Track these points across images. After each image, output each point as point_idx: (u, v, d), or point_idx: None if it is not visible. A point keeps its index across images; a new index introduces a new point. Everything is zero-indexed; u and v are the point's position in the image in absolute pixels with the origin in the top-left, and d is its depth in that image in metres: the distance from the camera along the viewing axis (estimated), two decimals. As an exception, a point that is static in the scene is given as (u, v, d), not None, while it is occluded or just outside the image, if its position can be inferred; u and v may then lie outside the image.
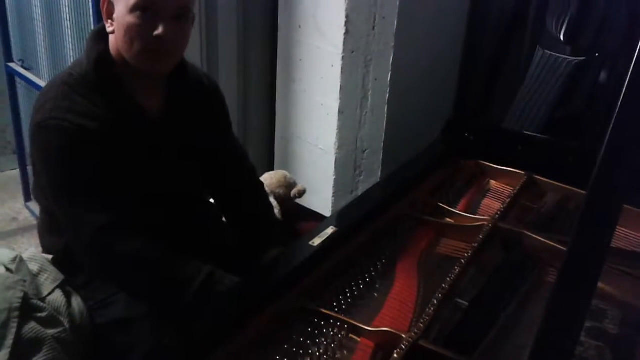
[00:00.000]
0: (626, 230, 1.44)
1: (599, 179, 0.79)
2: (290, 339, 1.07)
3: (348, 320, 1.10)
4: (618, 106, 0.83)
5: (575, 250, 0.79)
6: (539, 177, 1.63)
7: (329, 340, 1.07)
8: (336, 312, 1.13)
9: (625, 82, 0.83)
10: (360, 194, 2.33)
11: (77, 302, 1.42)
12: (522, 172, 1.64)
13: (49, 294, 1.40)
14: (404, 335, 1.04)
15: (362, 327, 1.09)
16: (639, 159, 0.86)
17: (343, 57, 2.12)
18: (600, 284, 1.26)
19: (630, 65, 0.84)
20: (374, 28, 2.10)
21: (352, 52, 2.12)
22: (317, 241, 1.25)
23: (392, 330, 1.06)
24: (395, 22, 2.07)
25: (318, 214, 2.32)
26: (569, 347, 0.75)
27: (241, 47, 2.41)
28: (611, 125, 0.82)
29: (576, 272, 0.77)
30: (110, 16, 1.22)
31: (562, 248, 1.32)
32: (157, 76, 1.30)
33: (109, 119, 1.23)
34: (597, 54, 2.05)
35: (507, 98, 2.22)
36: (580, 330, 0.79)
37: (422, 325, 1.06)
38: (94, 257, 1.26)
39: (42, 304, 1.41)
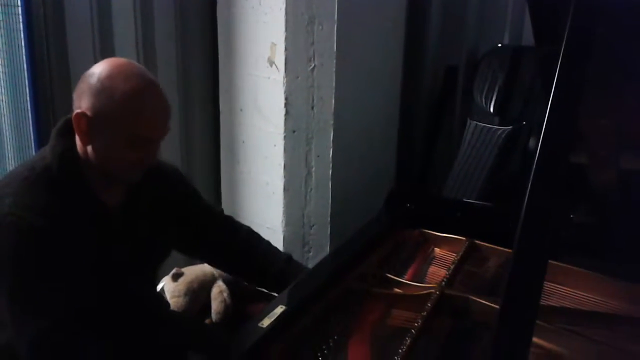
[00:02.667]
0: (569, 289, 1.48)
1: (522, 239, 0.82)
2: None
3: (302, 402, 1.08)
4: (533, 169, 0.88)
5: (506, 308, 0.81)
6: (480, 242, 1.67)
7: None
8: (290, 395, 1.11)
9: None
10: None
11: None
12: (463, 239, 1.69)
13: None
14: (359, 413, 1.02)
15: (317, 408, 1.06)
16: (559, 213, 0.91)
17: (285, 136, 2.18)
18: (548, 345, 1.28)
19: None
20: (312, 108, 2.17)
21: (294, 131, 2.18)
22: (266, 322, 1.24)
23: (347, 409, 1.04)
24: (333, 102, 2.15)
25: (268, 294, 2.30)
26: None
27: (183, 131, 2.43)
28: (529, 188, 0.88)
29: (509, 334, 0.80)
30: (87, 132, 1.19)
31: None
32: None
33: (67, 214, 1.20)
34: (524, 123, 2.18)
35: (445, 168, 2.31)
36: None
37: (377, 400, 1.04)
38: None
39: None
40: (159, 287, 1.85)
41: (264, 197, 2.32)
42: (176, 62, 2.31)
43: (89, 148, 1.21)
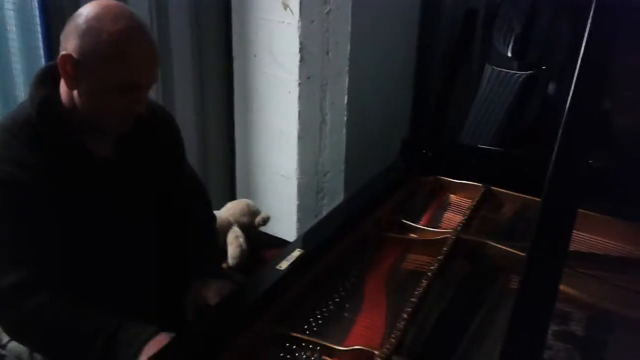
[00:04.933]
0: (584, 234, 1.48)
1: (552, 186, 0.81)
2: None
3: (320, 341, 1.10)
4: (565, 115, 0.86)
5: (534, 256, 0.81)
6: (496, 188, 1.67)
7: (302, 363, 1.06)
8: (307, 335, 1.13)
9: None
10: (324, 217, 2.33)
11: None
12: (480, 185, 1.68)
13: (10, 340, 1.35)
14: (376, 352, 1.04)
15: (334, 348, 1.08)
16: (587, 164, 0.90)
17: (299, 83, 2.15)
18: (564, 287, 1.29)
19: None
20: (327, 53, 2.14)
21: (308, 78, 2.15)
22: (284, 265, 1.25)
23: (365, 348, 1.06)
24: (348, 47, 2.11)
25: (283, 240, 2.32)
26: (536, 352, 0.76)
27: (197, 79, 2.41)
28: (559, 134, 0.86)
29: (537, 277, 0.80)
30: (73, 76, 1.15)
31: (524, 255, 1.35)
32: None
33: (50, 167, 1.17)
34: (544, 67, 2.13)
35: (461, 114, 2.28)
36: (546, 334, 0.80)
37: (393, 340, 1.06)
38: (1, 317, 1.18)
39: (2, 350, 1.37)
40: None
41: (278, 145, 2.31)
42: (188, 7, 2.27)
43: (75, 93, 1.17)
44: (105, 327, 1.12)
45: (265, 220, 2.04)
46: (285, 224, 2.32)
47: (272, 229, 2.20)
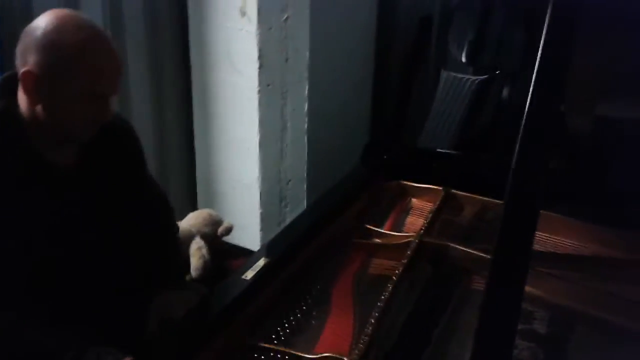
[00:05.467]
0: (544, 234, 1.52)
1: (514, 187, 0.83)
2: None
3: (288, 350, 1.09)
4: (524, 118, 0.89)
5: (500, 257, 0.82)
6: (456, 191, 1.69)
7: (272, 374, 1.06)
8: (275, 344, 1.12)
9: (527, 96, 0.90)
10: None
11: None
12: (439, 188, 1.71)
13: None
14: (345, 358, 1.04)
15: (302, 356, 1.08)
16: (547, 165, 0.92)
17: (259, 90, 2.14)
18: (526, 287, 1.32)
19: (528, 81, 0.91)
20: (286, 60, 2.14)
21: (268, 85, 2.15)
22: (249, 274, 1.24)
23: (333, 355, 1.06)
24: (307, 54, 2.11)
25: (247, 249, 2.31)
26: (506, 352, 0.78)
27: (154, 88, 2.37)
28: (519, 136, 0.88)
29: (503, 278, 0.81)
30: (35, 91, 1.12)
31: (486, 256, 1.38)
32: None
33: (10, 178, 1.14)
34: (497, 72, 2.18)
35: (420, 119, 2.31)
36: (515, 334, 0.81)
37: (362, 345, 1.06)
38: None
39: None
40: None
41: (239, 153, 2.29)
42: (144, 15, 2.23)
43: (39, 108, 1.14)
44: (70, 349, 1.08)
45: (228, 230, 2.02)
46: (248, 233, 2.31)
47: (235, 238, 2.18)
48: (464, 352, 1.14)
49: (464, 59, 2.26)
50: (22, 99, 1.16)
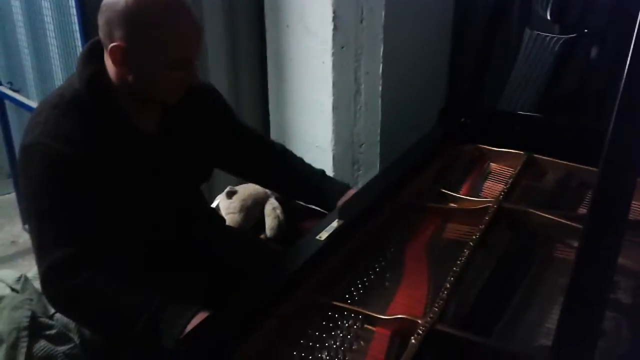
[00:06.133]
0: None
1: (610, 154, 0.77)
2: (306, 333, 1.06)
3: (362, 310, 1.10)
4: (623, 80, 0.82)
5: (592, 225, 0.77)
6: (538, 156, 1.62)
7: (344, 332, 1.06)
8: (349, 304, 1.13)
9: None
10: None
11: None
12: (521, 153, 1.64)
13: (56, 311, 1.40)
14: (419, 321, 1.03)
15: (376, 317, 1.08)
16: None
17: (333, 53, 2.12)
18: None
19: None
20: (361, 22, 2.09)
21: (342, 47, 2.12)
22: (323, 235, 1.24)
23: (407, 317, 1.05)
24: (383, 14, 2.06)
25: (320, 212, 2.32)
26: (595, 322, 0.74)
27: (229, 50, 2.40)
28: (618, 99, 0.81)
29: (595, 249, 0.76)
30: (124, 62, 1.16)
31: (569, 223, 1.33)
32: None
33: (100, 143, 1.19)
34: (585, 30, 2.05)
35: (500, 81, 2.22)
36: (605, 304, 0.77)
37: (436, 309, 1.05)
38: (46, 291, 1.20)
39: (50, 321, 1.41)
40: (214, 204, 1.89)
41: (312, 115, 2.29)
42: (220, -21, 2.25)
43: (129, 77, 1.18)
44: (149, 305, 1.13)
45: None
46: (320, 195, 2.31)
47: (307, 200, 2.19)
48: (542, 321, 1.11)
49: (549, 17, 2.14)
50: (110, 67, 1.20)
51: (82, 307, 1.18)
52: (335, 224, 1.28)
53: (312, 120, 2.30)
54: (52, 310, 1.44)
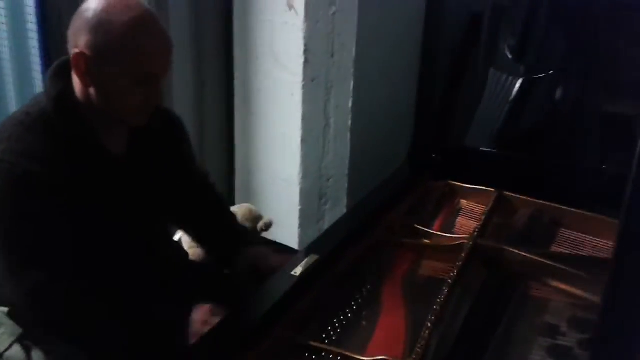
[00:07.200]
0: (602, 240, 1.46)
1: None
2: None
3: (341, 352, 1.05)
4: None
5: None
6: (509, 193, 1.63)
7: (323, 375, 1.02)
8: (327, 344, 1.08)
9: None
10: (327, 223, 2.28)
11: (38, 356, 1.31)
12: (492, 190, 1.64)
13: (7, 349, 1.28)
14: (402, 362, 0.99)
15: (356, 358, 1.04)
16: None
17: (303, 85, 2.10)
18: (585, 294, 1.26)
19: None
20: (332, 55, 2.09)
21: (312, 80, 2.11)
22: (298, 270, 1.20)
23: (389, 358, 1.01)
24: (354, 49, 2.07)
25: (285, 246, 2.27)
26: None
27: (196, 80, 2.36)
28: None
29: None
30: (87, 73, 1.12)
31: (544, 261, 1.32)
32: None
33: (66, 161, 1.14)
34: (551, 71, 2.11)
35: (466, 119, 2.25)
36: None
37: (419, 350, 1.01)
38: (34, 313, 1.16)
39: None
40: (176, 238, 1.82)
41: (280, 148, 2.26)
42: (188, 6, 2.22)
43: (92, 90, 1.14)
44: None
45: (268, 226, 1.98)
46: (286, 229, 2.27)
47: (272, 234, 2.14)
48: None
49: (514, 58, 2.19)
50: (76, 82, 1.16)
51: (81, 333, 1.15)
52: (310, 258, 1.24)
53: (280, 153, 2.26)
54: (2, 349, 1.34)
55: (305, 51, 2.07)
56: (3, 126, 1.16)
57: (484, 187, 1.66)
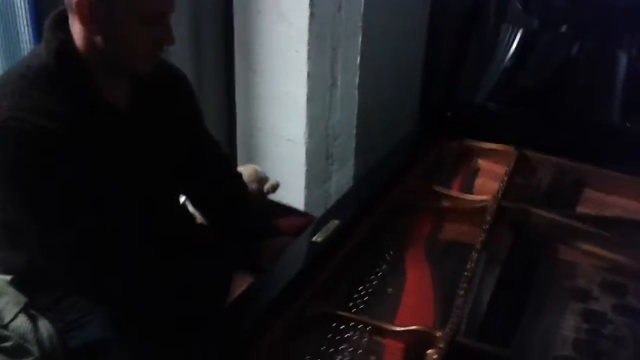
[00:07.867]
0: (626, 200, 1.41)
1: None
2: (310, 349, 0.96)
3: (370, 321, 1.01)
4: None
5: None
6: (529, 152, 1.57)
7: (353, 346, 0.97)
8: (353, 313, 1.04)
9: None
10: (333, 184, 2.24)
11: (44, 325, 1.28)
12: (511, 148, 1.59)
13: (12, 319, 1.27)
14: (437, 334, 0.95)
15: (387, 328, 0.99)
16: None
17: (308, 42, 2.01)
18: (611, 255, 1.23)
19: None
20: (339, 10, 2.00)
21: (318, 36, 2.02)
22: (320, 237, 1.15)
23: (424, 329, 0.97)
24: (362, 4, 1.97)
25: (292, 207, 2.22)
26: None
27: (194, 36, 2.25)
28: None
29: None
30: (92, 20, 1.06)
31: (570, 223, 1.28)
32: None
33: (73, 116, 1.09)
34: (565, 25, 2.04)
35: (477, 76, 2.18)
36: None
37: (455, 320, 0.97)
38: (87, 262, 1.12)
39: (5, 332, 1.27)
40: (181, 200, 1.76)
41: (284, 107, 2.18)
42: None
43: (98, 38, 1.09)
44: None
45: (275, 188, 1.93)
46: (292, 190, 2.21)
47: (277, 195, 2.09)
48: (557, 328, 1.06)
49: (527, 12, 2.12)
50: (77, 33, 1.10)
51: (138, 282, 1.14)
52: (332, 224, 1.19)
53: (284, 113, 2.18)
54: (7, 319, 1.30)
55: (311, 5, 1.96)
56: (4, 80, 1.12)
57: (502, 146, 1.60)
